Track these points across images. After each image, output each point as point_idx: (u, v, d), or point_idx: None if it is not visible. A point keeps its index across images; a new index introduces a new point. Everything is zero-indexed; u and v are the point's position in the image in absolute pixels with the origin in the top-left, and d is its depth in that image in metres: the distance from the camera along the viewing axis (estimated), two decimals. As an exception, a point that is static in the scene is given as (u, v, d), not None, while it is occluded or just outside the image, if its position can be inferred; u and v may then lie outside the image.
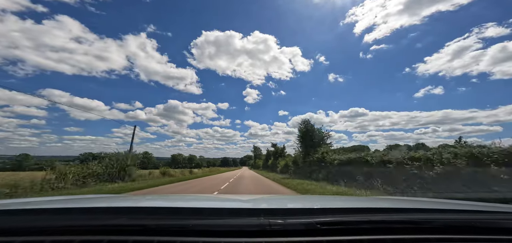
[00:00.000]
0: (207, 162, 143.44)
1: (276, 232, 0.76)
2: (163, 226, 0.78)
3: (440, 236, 0.78)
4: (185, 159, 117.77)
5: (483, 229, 0.83)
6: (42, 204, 1.13)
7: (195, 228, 0.77)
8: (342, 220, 0.82)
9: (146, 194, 6.86)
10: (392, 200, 1.66)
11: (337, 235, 0.76)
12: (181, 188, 12.58)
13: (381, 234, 0.77)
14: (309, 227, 0.77)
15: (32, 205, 1.07)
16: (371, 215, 0.88)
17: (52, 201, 1.28)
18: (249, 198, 1.73)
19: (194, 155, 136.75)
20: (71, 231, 0.77)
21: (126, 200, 1.50)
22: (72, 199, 1.53)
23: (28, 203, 1.18)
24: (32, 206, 1.02)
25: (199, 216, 0.88)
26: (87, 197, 1.82)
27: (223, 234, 0.75)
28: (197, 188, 12.73)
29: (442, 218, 0.90)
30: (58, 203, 1.18)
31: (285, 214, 0.89)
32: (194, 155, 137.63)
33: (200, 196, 2.13)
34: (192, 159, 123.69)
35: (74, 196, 2.23)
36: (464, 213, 1.00)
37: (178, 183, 16.37)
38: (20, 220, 0.85)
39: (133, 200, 1.43)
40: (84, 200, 1.43)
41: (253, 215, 0.85)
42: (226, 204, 1.34)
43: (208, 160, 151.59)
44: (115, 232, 0.76)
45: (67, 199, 1.51)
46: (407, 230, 0.80)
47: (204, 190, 11.61)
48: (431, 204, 1.24)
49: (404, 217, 0.88)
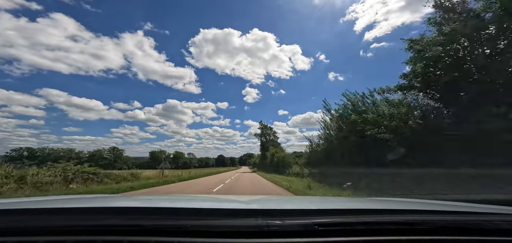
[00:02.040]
0: (199, 161, 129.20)
1: (274, 233, 0.76)
2: (160, 227, 0.78)
3: (434, 237, 0.79)
4: (169, 157, 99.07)
5: (477, 230, 0.84)
6: (37, 204, 1.13)
7: (192, 228, 0.77)
8: (339, 221, 0.83)
9: (144, 194, 6.78)
10: (388, 202, 1.68)
11: (334, 236, 0.77)
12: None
13: (377, 235, 0.79)
14: (306, 228, 0.78)
15: (26, 205, 1.08)
16: (367, 216, 0.89)
17: (46, 201, 1.28)
18: (247, 198, 1.74)
19: (181, 152, 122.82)
20: (66, 232, 0.77)
21: (123, 200, 1.57)
22: (67, 199, 1.54)
23: (22, 203, 1.19)
24: (26, 206, 1.02)
25: (197, 217, 0.87)
26: (83, 197, 1.86)
27: (221, 235, 0.76)
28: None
29: (436, 219, 0.91)
30: (53, 203, 1.17)
31: (283, 215, 0.89)
32: (181, 152, 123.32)
33: (198, 196, 2.22)
34: (178, 157, 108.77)
35: (69, 196, 2.28)
36: (458, 214, 1.02)
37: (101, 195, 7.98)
38: (14, 220, 0.84)
39: (130, 200, 1.52)
40: (79, 200, 1.44)
41: (251, 216, 0.86)
42: (224, 204, 1.35)
43: (200, 159, 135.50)
44: (110, 232, 0.76)
45: (62, 199, 1.53)
46: (402, 231, 0.81)
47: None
48: (425, 205, 1.26)
49: (399, 218, 0.89)
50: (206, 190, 12.58)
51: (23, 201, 1.32)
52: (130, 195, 8.24)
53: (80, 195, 2.07)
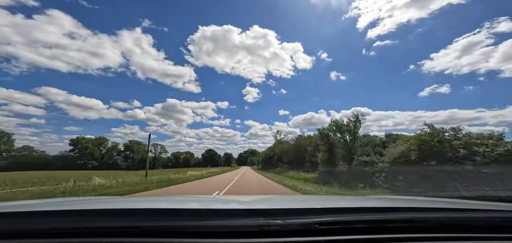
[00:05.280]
0: (183, 159, 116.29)
1: (275, 233, 0.77)
2: (161, 228, 0.78)
3: (435, 235, 0.79)
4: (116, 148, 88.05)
5: (478, 228, 0.84)
6: (37, 207, 1.13)
7: (194, 229, 0.77)
8: (340, 219, 0.83)
9: (143, 196, 6.98)
10: (388, 200, 1.68)
11: (335, 234, 0.77)
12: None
13: (377, 234, 0.79)
14: (307, 227, 0.78)
15: (27, 207, 1.08)
16: (368, 214, 0.89)
17: (47, 204, 1.28)
18: (247, 199, 1.74)
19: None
20: (67, 234, 0.77)
21: (123, 202, 1.62)
22: (68, 202, 1.54)
23: (23, 205, 1.20)
24: (27, 209, 1.02)
25: (198, 218, 0.87)
26: (83, 199, 1.85)
27: (222, 235, 0.76)
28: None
29: (437, 217, 0.91)
30: (53, 206, 1.18)
31: (284, 214, 0.90)
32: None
33: (198, 198, 2.29)
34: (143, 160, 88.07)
35: (70, 198, 2.26)
36: (459, 211, 1.02)
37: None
38: (16, 223, 0.84)
39: (130, 202, 1.56)
40: (80, 202, 1.45)
41: (251, 216, 0.87)
42: (224, 205, 1.35)
43: (176, 155, 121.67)
44: (111, 234, 0.76)
45: (63, 202, 1.52)
46: (403, 229, 0.81)
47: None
48: (426, 203, 1.26)
49: (400, 216, 0.89)
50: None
51: (24, 204, 1.33)
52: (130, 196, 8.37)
53: (81, 197, 1.89)
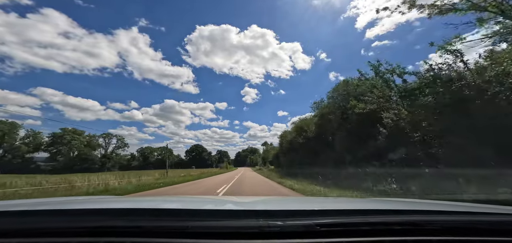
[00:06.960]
0: (156, 158, 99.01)
1: (275, 234, 0.76)
2: (160, 228, 0.78)
3: (439, 238, 0.78)
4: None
5: (483, 231, 0.83)
6: (37, 205, 1.13)
7: (193, 230, 0.77)
8: (341, 221, 0.83)
9: (143, 196, 6.73)
10: (391, 202, 1.67)
11: (336, 236, 0.77)
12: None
13: (380, 236, 0.78)
14: (308, 229, 0.77)
15: (26, 206, 1.08)
16: (370, 216, 0.88)
17: (47, 203, 1.28)
18: (248, 199, 1.72)
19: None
20: (67, 233, 0.77)
21: (123, 201, 1.63)
22: (67, 201, 1.54)
23: (23, 204, 1.20)
24: (27, 208, 1.02)
25: (198, 218, 0.86)
26: (83, 198, 1.82)
27: (221, 236, 0.75)
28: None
29: (441, 220, 0.90)
30: (53, 205, 1.18)
31: (284, 215, 0.89)
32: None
33: (198, 198, 2.22)
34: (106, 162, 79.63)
35: (69, 197, 2.28)
36: (463, 214, 1.01)
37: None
38: (15, 222, 0.84)
39: (130, 202, 1.56)
40: (79, 201, 1.45)
41: (251, 217, 0.86)
42: (224, 205, 1.34)
43: (142, 150, 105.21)
44: (111, 234, 0.76)
45: (63, 201, 1.53)
46: (406, 231, 0.80)
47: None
48: (430, 205, 1.25)
49: (403, 218, 0.88)
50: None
51: (23, 202, 1.33)
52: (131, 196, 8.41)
53: (80, 196, 1.95)
